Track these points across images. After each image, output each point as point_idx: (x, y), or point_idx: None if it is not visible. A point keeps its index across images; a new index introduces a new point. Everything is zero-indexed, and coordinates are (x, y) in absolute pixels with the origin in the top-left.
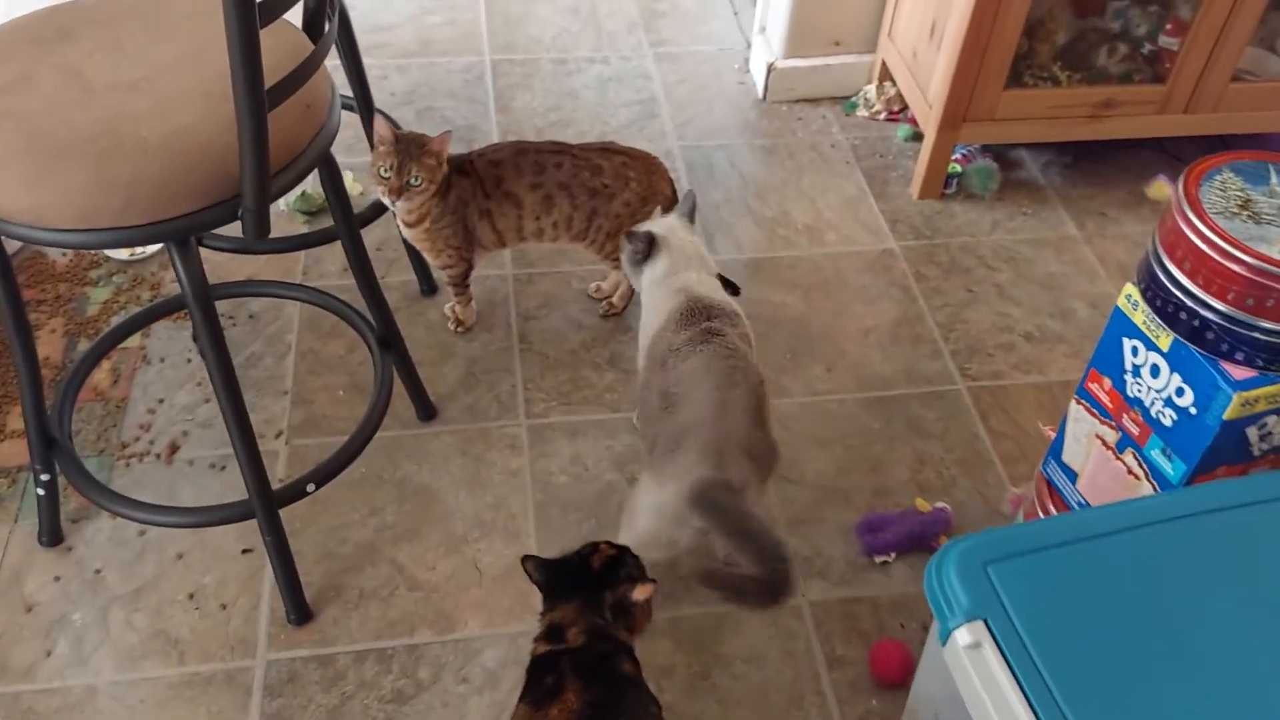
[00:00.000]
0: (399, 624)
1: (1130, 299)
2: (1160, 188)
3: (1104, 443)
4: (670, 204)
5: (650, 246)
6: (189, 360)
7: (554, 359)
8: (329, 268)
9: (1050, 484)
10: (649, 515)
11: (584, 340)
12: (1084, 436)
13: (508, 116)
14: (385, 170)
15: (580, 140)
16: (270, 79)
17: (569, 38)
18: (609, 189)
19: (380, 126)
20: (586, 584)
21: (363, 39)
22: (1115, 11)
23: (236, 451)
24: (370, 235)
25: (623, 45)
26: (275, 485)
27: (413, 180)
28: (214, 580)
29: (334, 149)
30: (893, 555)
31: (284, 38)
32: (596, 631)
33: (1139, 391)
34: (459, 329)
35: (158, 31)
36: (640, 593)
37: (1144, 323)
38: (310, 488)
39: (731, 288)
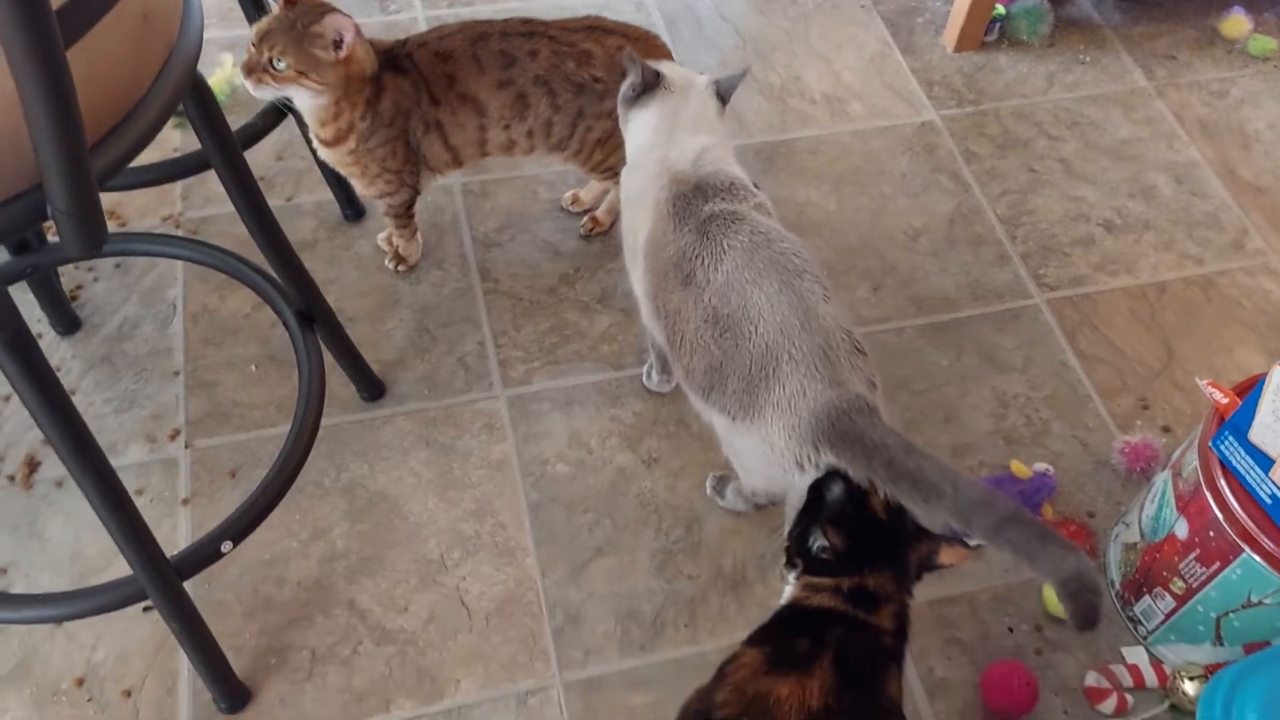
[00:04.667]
0: (369, 695)
1: None
2: (1236, 22)
3: None
4: None
5: (649, 86)
6: (40, 336)
7: (529, 301)
8: (218, 187)
9: (1225, 464)
10: (760, 462)
11: (564, 272)
12: None
13: None
14: (254, 39)
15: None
16: None
17: None
18: (600, 83)
19: None
20: (887, 543)
21: None
22: None
23: (104, 522)
24: (268, 140)
25: None
26: (181, 498)
27: (276, 62)
28: (109, 657)
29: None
30: None
31: None
32: (901, 619)
33: None
34: (400, 268)
35: None
36: (951, 556)
37: None
38: (226, 546)
39: None
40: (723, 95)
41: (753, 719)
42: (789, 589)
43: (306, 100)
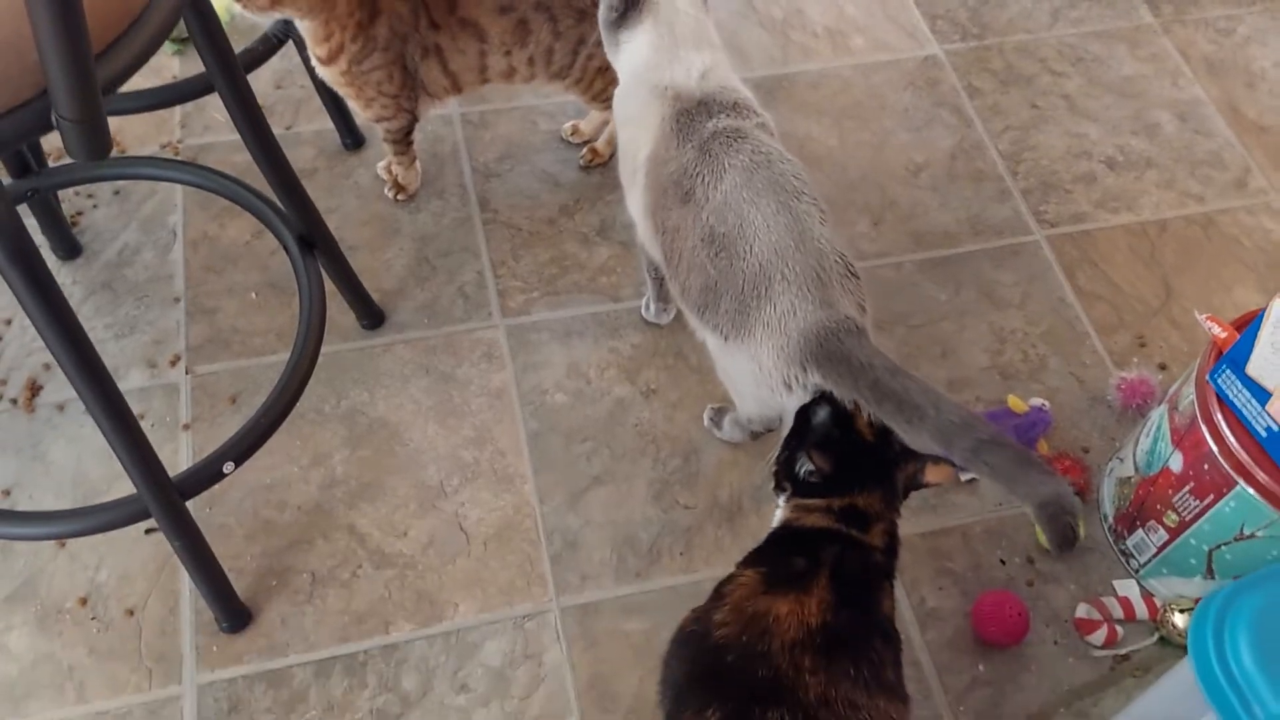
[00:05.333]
0: (368, 617)
1: None
2: None
3: None
4: None
5: (633, 3)
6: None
7: (528, 232)
8: (217, 115)
9: (1221, 398)
10: (749, 382)
11: (563, 203)
12: None
13: None
14: None
15: None
16: None
17: None
18: None
19: None
20: (875, 463)
21: None
22: None
23: (109, 438)
24: (268, 68)
25: None
26: (182, 423)
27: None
28: (112, 576)
29: None
30: None
31: None
32: (892, 536)
33: None
34: (400, 196)
35: None
36: (937, 474)
37: None
38: (228, 467)
39: None
40: None
41: (752, 637)
42: (780, 512)
43: (295, 21)
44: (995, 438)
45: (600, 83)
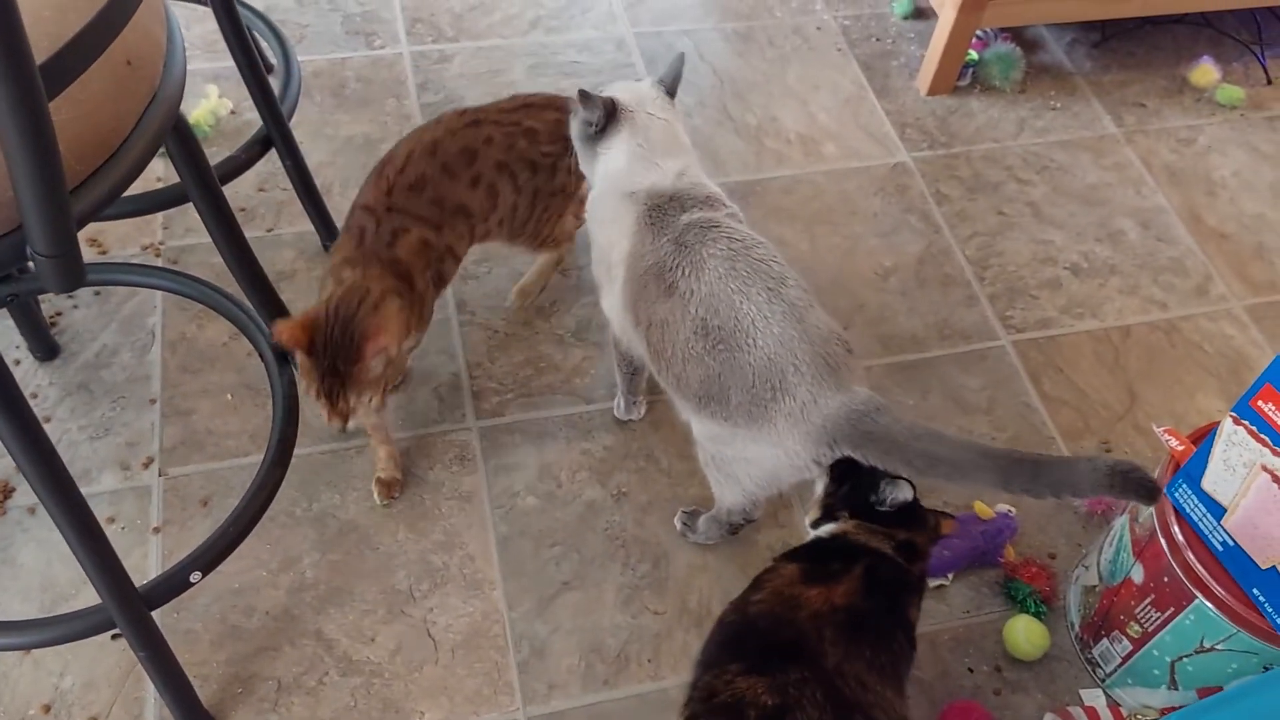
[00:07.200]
0: None
1: None
2: (1205, 71)
3: (1276, 478)
4: None
5: (609, 117)
6: (18, 363)
7: (504, 334)
8: (199, 218)
9: (1179, 511)
10: (767, 465)
11: (539, 305)
12: (1242, 466)
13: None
14: (315, 394)
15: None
16: (46, 41)
17: None
18: (549, 157)
19: (282, 333)
20: (920, 511)
21: None
22: None
23: (75, 551)
24: (250, 171)
25: None
26: (153, 526)
27: (363, 401)
28: (77, 684)
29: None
30: (950, 576)
31: None
32: (922, 575)
33: None
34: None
35: None
36: (948, 526)
37: None
38: (195, 576)
39: None
40: (671, 90)
41: (782, 611)
42: (832, 526)
43: None
44: (1040, 459)
45: (548, 229)
